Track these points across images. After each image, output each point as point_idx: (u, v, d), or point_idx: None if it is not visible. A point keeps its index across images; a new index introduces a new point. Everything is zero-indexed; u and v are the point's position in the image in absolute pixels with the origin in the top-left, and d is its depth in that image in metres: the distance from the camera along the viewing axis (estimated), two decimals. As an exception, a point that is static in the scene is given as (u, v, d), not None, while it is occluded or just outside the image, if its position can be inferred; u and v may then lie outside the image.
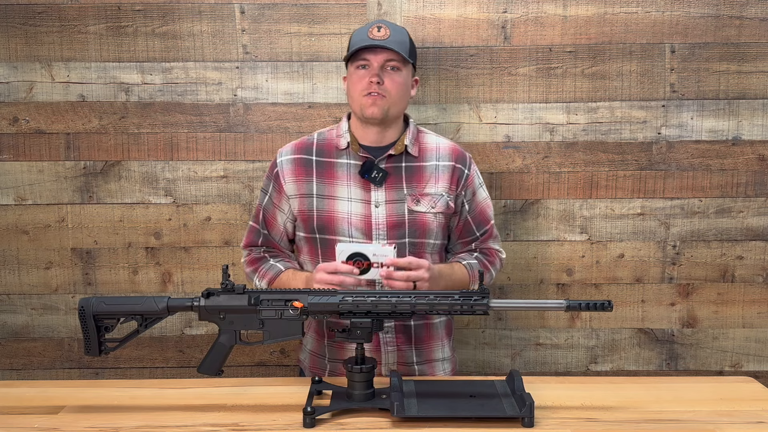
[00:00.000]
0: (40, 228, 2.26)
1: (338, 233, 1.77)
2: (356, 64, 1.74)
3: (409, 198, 1.78)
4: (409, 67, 1.77)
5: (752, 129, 2.23)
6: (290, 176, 1.80)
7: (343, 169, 1.79)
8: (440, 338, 1.88)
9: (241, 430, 1.40)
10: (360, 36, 1.74)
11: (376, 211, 1.77)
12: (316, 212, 1.78)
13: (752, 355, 2.34)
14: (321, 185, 1.79)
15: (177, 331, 2.33)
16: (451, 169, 1.82)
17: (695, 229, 2.28)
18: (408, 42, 1.77)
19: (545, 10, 2.18)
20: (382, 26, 1.73)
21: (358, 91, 1.73)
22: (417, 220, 1.78)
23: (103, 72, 2.20)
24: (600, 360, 2.34)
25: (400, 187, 1.78)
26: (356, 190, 1.77)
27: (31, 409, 1.52)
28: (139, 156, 2.24)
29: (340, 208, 1.77)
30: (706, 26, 2.18)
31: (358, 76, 1.74)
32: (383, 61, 1.72)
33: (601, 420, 1.45)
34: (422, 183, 1.80)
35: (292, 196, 1.80)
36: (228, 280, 1.49)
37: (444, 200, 1.80)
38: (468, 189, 1.85)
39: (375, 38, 1.71)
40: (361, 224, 1.76)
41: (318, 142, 1.83)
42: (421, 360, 1.85)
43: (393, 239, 1.76)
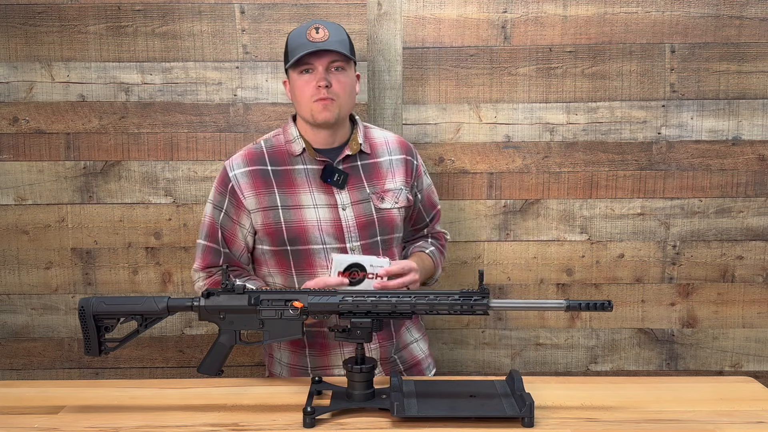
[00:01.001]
0: (40, 228, 2.27)
1: (311, 242, 1.73)
2: (300, 69, 1.70)
3: (373, 197, 1.78)
4: (351, 65, 1.75)
5: (752, 129, 2.23)
6: (249, 190, 1.74)
7: (302, 176, 1.75)
8: (404, 323, 1.88)
9: (241, 430, 1.40)
10: (299, 39, 1.69)
11: (344, 213, 1.75)
12: (284, 224, 1.72)
13: (752, 355, 2.34)
14: (283, 195, 1.74)
15: (177, 331, 2.33)
16: (404, 163, 1.84)
17: (695, 229, 2.28)
18: (347, 39, 1.73)
19: (545, 10, 2.18)
20: (320, 27, 1.69)
21: (306, 96, 1.70)
22: (385, 218, 1.79)
23: (103, 72, 2.20)
24: (600, 360, 2.34)
25: (361, 186, 1.78)
26: (320, 195, 1.75)
27: (31, 409, 1.52)
28: (139, 156, 2.24)
29: (308, 216, 1.73)
30: (706, 26, 2.18)
31: (303, 81, 1.70)
32: (327, 64, 1.69)
33: (601, 420, 1.45)
34: (381, 179, 1.80)
35: (254, 210, 1.74)
36: (228, 281, 1.49)
37: (404, 194, 1.82)
38: (419, 179, 1.88)
39: (315, 40, 1.67)
40: (332, 229, 1.74)
41: (268, 150, 1.78)
42: (398, 348, 1.85)
43: (365, 239, 1.76)
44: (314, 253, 1.74)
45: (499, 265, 2.30)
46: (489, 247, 2.29)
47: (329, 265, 1.66)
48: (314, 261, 1.74)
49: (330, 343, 1.78)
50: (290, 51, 1.72)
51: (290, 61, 1.70)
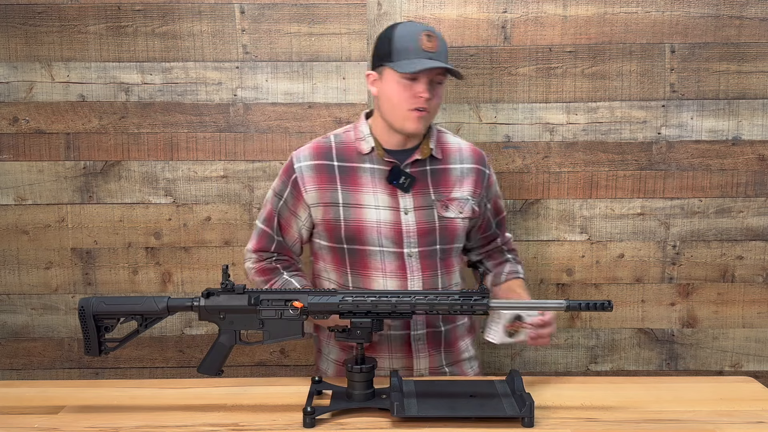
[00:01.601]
0: (40, 228, 2.27)
1: (368, 243, 1.71)
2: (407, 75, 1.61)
3: (438, 204, 1.73)
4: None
5: (752, 129, 2.23)
6: (312, 184, 1.72)
7: (368, 175, 1.72)
8: (464, 338, 1.85)
9: (241, 430, 1.40)
10: (409, 42, 1.61)
11: (406, 218, 1.71)
12: (343, 222, 1.70)
13: (752, 355, 2.34)
14: (346, 193, 1.71)
15: (177, 331, 2.33)
16: (475, 172, 1.78)
17: (695, 229, 2.28)
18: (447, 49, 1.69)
19: (545, 10, 2.18)
20: (432, 36, 1.62)
21: (403, 102, 1.63)
22: (447, 227, 1.73)
23: (103, 72, 2.20)
24: (600, 360, 2.34)
25: (426, 192, 1.73)
26: (383, 196, 1.71)
27: (31, 409, 1.52)
28: (139, 156, 2.24)
29: (368, 217, 1.70)
30: (706, 26, 2.18)
31: (403, 86, 1.62)
32: (434, 76, 1.63)
33: (601, 420, 1.45)
34: (449, 187, 1.75)
35: (314, 204, 1.73)
36: (228, 280, 1.49)
37: (470, 205, 1.76)
38: (490, 190, 1.83)
39: (428, 50, 1.61)
40: (391, 233, 1.70)
41: (337, 146, 1.75)
42: (449, 362, 1.83)
43: (423, 246, 1.72)
44: (370, 254, 1.72)
45: (499, 265, 2.30)
46: (489, 247, 2.29)
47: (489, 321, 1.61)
48: (369, 262, 1.72)
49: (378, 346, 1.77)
50: (398, 51, 1.63)
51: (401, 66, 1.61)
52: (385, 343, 1.78)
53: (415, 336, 1.77)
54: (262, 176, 2.24)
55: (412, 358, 1.78)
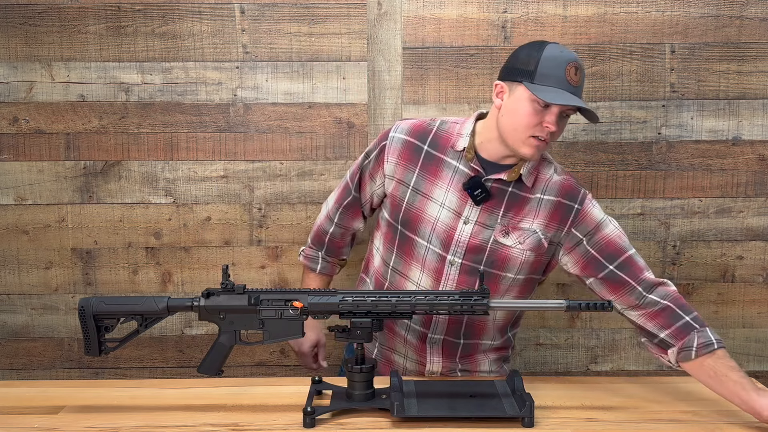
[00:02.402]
0: (40, 228, 2.26)
1: (419, 234, 1.70)
2: (539, 100, 1.55)
3: (499, 227, 1.66)
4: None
5: (752, 129, 2.23)
6: (395, 156, 1.73)
7: (449, 172, 1.69)
8: (485, 356, 1.82)
9: (241, 430, 1.40)
10: (557, 69, 1.54)
11: (463, 227, 1.67)
12: (405, 204, 1.71)
13: (752, 355, 2.34)
14: (421, 179, 1.70)
15: (177, 331, 2.33)
16: (554, 205, 1.67)
17: (695, 229, 2.28)
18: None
19: (545, 10, 2.18)
20: (579, 69, 1.57)
21: (528, 126, 1.57)
22: (499, 252, 1.67)
23: (103, 72, 2.20)
24: (600, 360, 2.34)
25: (496, 212, 1.67)
26: (452, 198, 1.68)
27: (31, 409, 1.52)
28: (139, 156, 2.24)
29: (429, 210, 1.69)
30: (706, 26, 2.18)
31: (533, 110, 1.56)
32: (567, 109, 1.58)
33: (601, 420, 1.45)
34: (519, 215, 1.67)
35: (390, 176, 1.74)
36: (228, 280, 1.49)
37: (536, 237, 1.67)
38: (582, 225, 1.67)
39: (572, 83, 1.55)
40: (444, 235, 1.68)
41: (436, 132, 1.73)
42: (465, 370, 1.81)
43: (468, 261, 1.68)
44: (417, 245, 1.72)
45: (499, 265, 2.29)
46: (489, 247, 2.29)
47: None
48: (414, 252, 1.72)
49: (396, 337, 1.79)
50: (542, 75, 1.55)
51: (541, 90, 1.54)
52: (402, 337, 1.78)
53: (431, 339, 1.76)
54: (262, 176, 2.24)
55: (426, 358, 1.78)
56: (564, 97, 1.54)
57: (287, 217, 2.25)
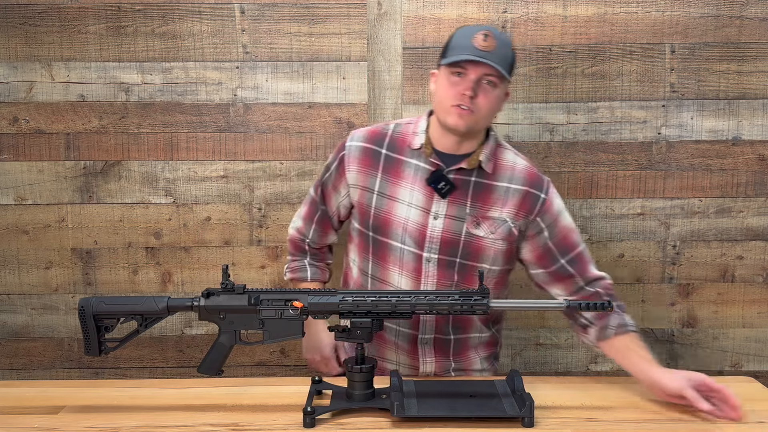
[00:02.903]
0: (40, 228, 2.26)
1: (391, 237, 1.72)
2: (452, 69, 1.61)
3: (469, 219, 1.69)
4: (504, 83, 1.66)
5: (752, 129, 2.23)
6: (355, 164, 1.75)
7: (410, 171, 1.71)
8: (477, 352, 1.83)
9: (241, 430, 1.40)
10: (463, 40, 1.61)
11: (434, 223, 1.69)
12: (373, 209, 1.73)
13: (752, 355, 2.34)
14: (384, 182, 1.72)
15: (177, 331, 2.33)
16: (522, 195, 1.70)
17: (695, 229, 2.28)
18: (510, 56, 1.65)
19: (545, 10, 2.18)
20: (489, 35, 1.60)
21: (448, 98, 1.62)
22: (472, 243, 1.69)
23: (103, 72, 2.20)
24: (600, 360, 2.34)
25: (463, 203, 1.69)
26: (419, 196, 1.70)
27: (31, 409, 1.52)
28: (139, 156, 2.24)
29: (398, 212, 1.71)
30: (706, 26, 2.18)
31: (450, 83, 1.62)
32: (481, 75, 1.60)
33: (601, 420, 1.45)
34: (487, 204, 1.70)
35: (353, 185, 1.76)
36: (228, 280, 1.49)
37: (506, 227, 1.70)
38: (544, 215, 1.71)
39: (479, 48, 1.58)
40: (416, 233, 1.70)
41: (392, 135, 1.75)
42: (458, 369, 1.82)
43: (444, 255, 1.70)
44: (391, 248, 1.73)
45: (499, 265, 2.29)
46: (489, 247, 2.29)
47: None
48: (389, 256, 1.73)
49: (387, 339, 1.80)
50: (451, 48, 1.64)
51: (448, 58, 1.62)
52: (392, 343, 1.78)
53: (422, 339, 1.77)
54: (262, 176, 2.24)
55: (418, 360, 1.78)
56: (464, 56, 1.58)
57: (287, 217, 2.25)
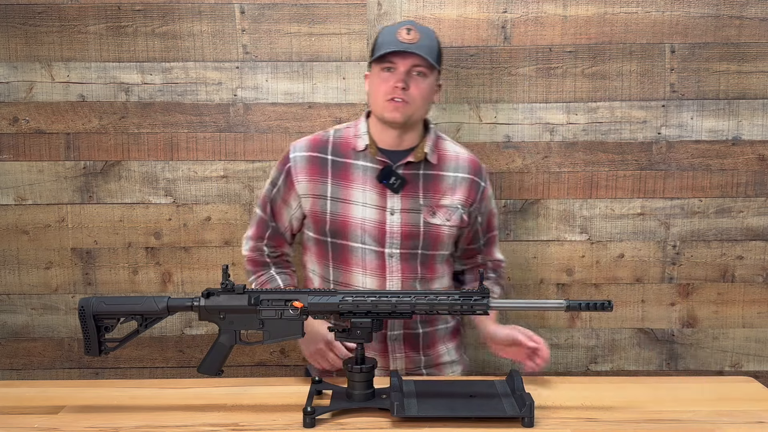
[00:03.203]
0: (40, 228, 2.26)
1: (351, 239, 1.74)
2: (382, 66, 1.68)
3: (425, 209, 1.75)
4: (435, 73, 1.72)
5: (752, 129, 2.23)
6: (303, 175, 1.76)
7: (359, 172, 1.75)
8: (445, 342, 1.87)
9: (241, 430, 1.40)
10: (388, 37, 1.68)
11: (391, 218, 1.73)
12: (329, 215, 1.74)
13: (752, 355, 2.34)
14: (336, 187, 1.75)
15: (177, 331, 2.33)
16: (469, 183, 1.80)
17: (695, 229, 2.28)
18: (436, 46, 1.72)
19: (545, 10, 2.18)
20: (411, 29, 1.67)
21: (381, 93, 1.68)
22: (431, 233, 1.75)
23: (103, 72, 2.20)
24: (600, 360, 2.34)
25: (416, 195, 1.75)
26: (372, 195, 1.74)
27: (31, 409, 1.52)
28: (139, 156, 2.24)
29: (354, 213, 1.74)
30: (706, 26, 2.18)
31: (382, 79, 1.68)
32: (410, 66, 1.66)
33: (601, 420, 1.45)
34: (439, 194, 1.76)
35: (304, 195, 1.77)
36: (228, 280, 1.49)
37: (459, 213, 1.78)
38: (483, 203, 1.84)
39: (404, 41, 1.65)
40: (375, 231, 1.73)
41: (334, 141, 1.78)
42: (428, 364, 1.84)
43: (405, 249, 1.74)
44: (352, 250, 1.74)
45: (499, 265, 2.29)
46: (489, 247, 2.29)
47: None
48: (351, 258, 1.75)
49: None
50: (377, 46, 1.70)
51: (376, 55, 1.68)
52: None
53: (391, 336, 1.78)
54: (262, 176, 2.24)
55: (389, 358, 1.80)
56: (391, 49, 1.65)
57: (287, 217, 2.26)
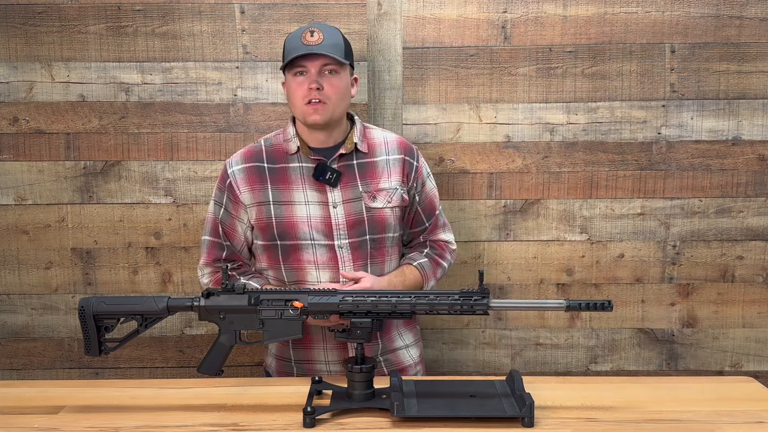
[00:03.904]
0: (40, 228, 2.26)
1: (299, 237, 1.76)
2: (293, 71, 1.72)
3: (365, 195, 1.78)
4: (346, 68, 1.76)
5: (752, 129, 2.23)
6: (244, 185, 1.79)
7: (297, 173, 1.79)
8: (398, 327, 1.88)
9: (241, 430, 1.40)
10: (293, 43, 1.72)
11: (335, 211, 1.77)
12: (274, 219, 1.76)
13: (752, 355, 2.34)
14: (276, 191, 1.78)
15: (177, 331, 2.33)
16: (401, 162, 1.84)
17: (695, 229, 2.28)
18: (342, 43, 1.75)
19: (545, 10, 2.18)
20: (315, 30, 1.71)
21: (299, 98, 1.72)
22: (375, 217, 1.79)
23: (103, 72, 2.20)
24: (600, 360, 2.34)
25: (354, 185, 1.79)
26: (312, 192, 1.77)
27: (31, 409, 1.52)
28: (139, 156, 2.24)
29: (298, 213, 1.77)
30: (706, 26, 2.18)
31: (296, 83, 1.72)
32: (320, 67, 1.71)
33: (601, 420, 1.45)
34: (376, 178, 1.81)
35: (249, 205, 1.79)
36: (228, 281, 1.49)
37: (398, 193, 1.81)
38: (418, 180, 1.86)
39: (309, 43, 1.69)
40: (322, 226, 1.76)
41: (267, 149, 1.82)
42: (384, 351, 1.85)
43: (353, 237, 1.77)
44: (302, 248, 1.77)
45: (499, 265, 2.29)
46: (489, 247, 2.29)
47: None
48: (301, 256, 1.77)
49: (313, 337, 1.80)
50: (285, 53, 1.75)
51: (284, 62, 1.73)
52: (319, 335, 1.80)
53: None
54: (262, 176, 2.24)
55: (347, 348, 1.80)
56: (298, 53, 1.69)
57: (287, 217, 2.26)
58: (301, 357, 1.82)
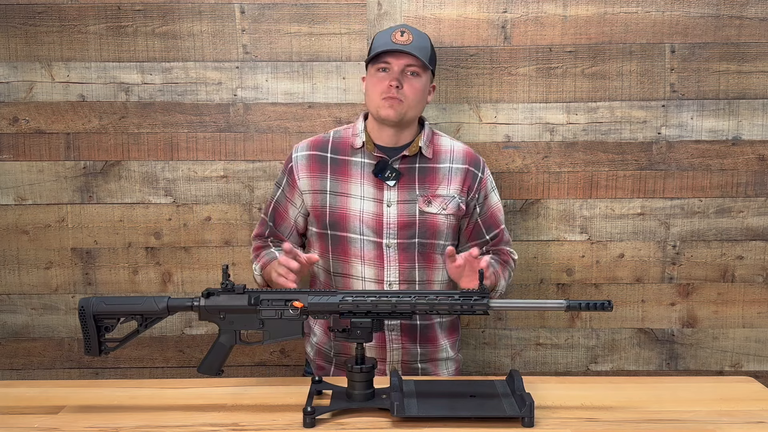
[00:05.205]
0: (40, 228, 2.26)
1: (350, 230, 1.80)
2: (377, 66, 1.77)
3: (420, 199, 1.80)
4: (428, 74, 1.80)
5: (752, 129, 2.23)
6: (304, 172, 1.84)
7: (357, 168, 1.82)
8: (444, 338, 1.89)
9: (241, 430, 1.40)
10: (383, 39, 1.76)
11: (388, 210, 1.79)
12: (329, 208, 1.81)
13: (752, 355, 2.34)
14: (335, 182, 1.82)
15: (177, 331, 2.33)
16: (464, 172, 1.85)
17: (695, 229, 2.28)
18: (429, 48, 1.81)
19: (545, 10, 2.18)
20: (405, 31, 1.76)
21: (377, 93, 1.76)
22: (427, 221, 1.80)
23: (103, 72, 2.20)
24: (600, 360, 2.34)
25: (412, 187, 1.81)
26: (369, 188, 1.80)
27: (31, 409, 1.52)
28: (139, 156, 2.24)
29: (352, 206, 1.80)
30: (706, 26, 2.18)
31: (377, 78, 1.76)
32: (404, 66, 1.75)
33: (601, 420, 1.45)
34: (434, 184, 1.82)
35: (306, 191, 1.84)
36: (228, 280, 1.49)
37: (455, 202, 1.82)
38: (480, 192, 1.87)
39: (398, 42, 1.74)
40: (373, 222, 1.79)
41: (334, 140, 1.86)
42: (425, 359, 1.86)
43: (402, 238, 1.79)
44: (351, 241, 1.80)
45: (499, 265, 2.29)
46: (489, 247, 2.29)
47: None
48: (349, 249, 1.80)
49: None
50: (372, 48, 1.79)
51: (370, 56, 1.77)
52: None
53: (389, 326, 1.82)
54: (262, 176, 2.24)
55: (386, 349, 1.82)
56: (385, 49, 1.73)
57: (287, 217, 2.26)
58: (341, 351, 1.85)
